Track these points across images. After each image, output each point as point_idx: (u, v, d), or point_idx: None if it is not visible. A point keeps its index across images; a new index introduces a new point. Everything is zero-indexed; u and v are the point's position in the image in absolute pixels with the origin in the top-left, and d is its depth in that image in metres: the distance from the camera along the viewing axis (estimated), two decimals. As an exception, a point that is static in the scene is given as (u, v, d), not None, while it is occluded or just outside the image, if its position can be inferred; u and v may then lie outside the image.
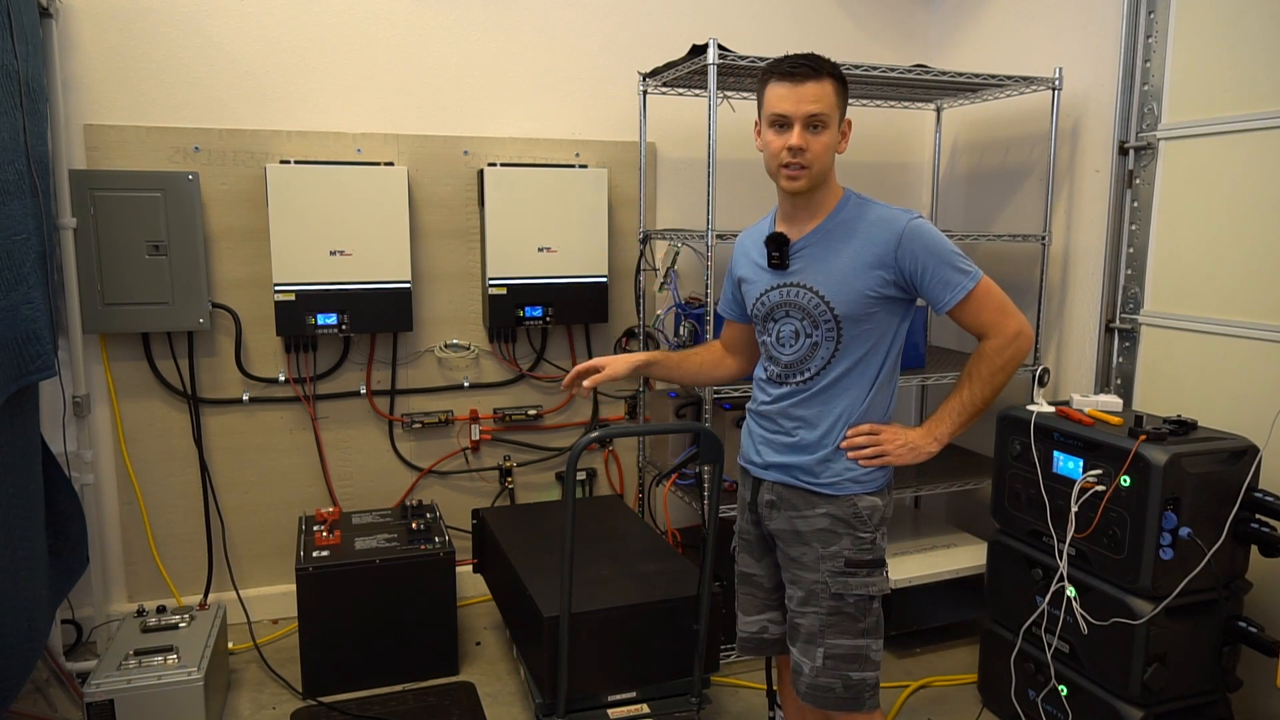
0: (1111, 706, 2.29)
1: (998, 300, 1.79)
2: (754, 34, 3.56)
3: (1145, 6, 2.88)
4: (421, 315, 3.33)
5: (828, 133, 1.77)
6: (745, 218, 3.60)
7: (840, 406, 1.85)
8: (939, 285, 1.77)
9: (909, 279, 1.79)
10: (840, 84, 1.78)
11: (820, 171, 1.80)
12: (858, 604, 1.84)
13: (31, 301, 2.22)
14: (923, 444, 1.85)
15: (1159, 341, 2.88)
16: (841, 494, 1.85)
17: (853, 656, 1.86)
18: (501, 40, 3.30)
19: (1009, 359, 1.79)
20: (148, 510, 3.13)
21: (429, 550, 2.82)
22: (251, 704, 2.76)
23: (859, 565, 1.84)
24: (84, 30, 2.87)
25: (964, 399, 1.83)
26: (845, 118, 1.82)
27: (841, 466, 1.85)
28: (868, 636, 1.86)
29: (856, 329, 1.82)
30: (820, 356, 1.85)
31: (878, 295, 1.80)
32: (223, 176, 3.05)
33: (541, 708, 2.38)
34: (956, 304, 1.78)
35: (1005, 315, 1.79)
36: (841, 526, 1.84)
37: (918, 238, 1.77)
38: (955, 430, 1.85)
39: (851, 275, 1.80)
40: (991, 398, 1.82)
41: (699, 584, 2.37)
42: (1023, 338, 1.79)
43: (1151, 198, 2.89)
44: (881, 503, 1.88)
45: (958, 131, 3.77)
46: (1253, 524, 2.23)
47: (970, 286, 1.77)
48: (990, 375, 1.80)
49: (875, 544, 1.86)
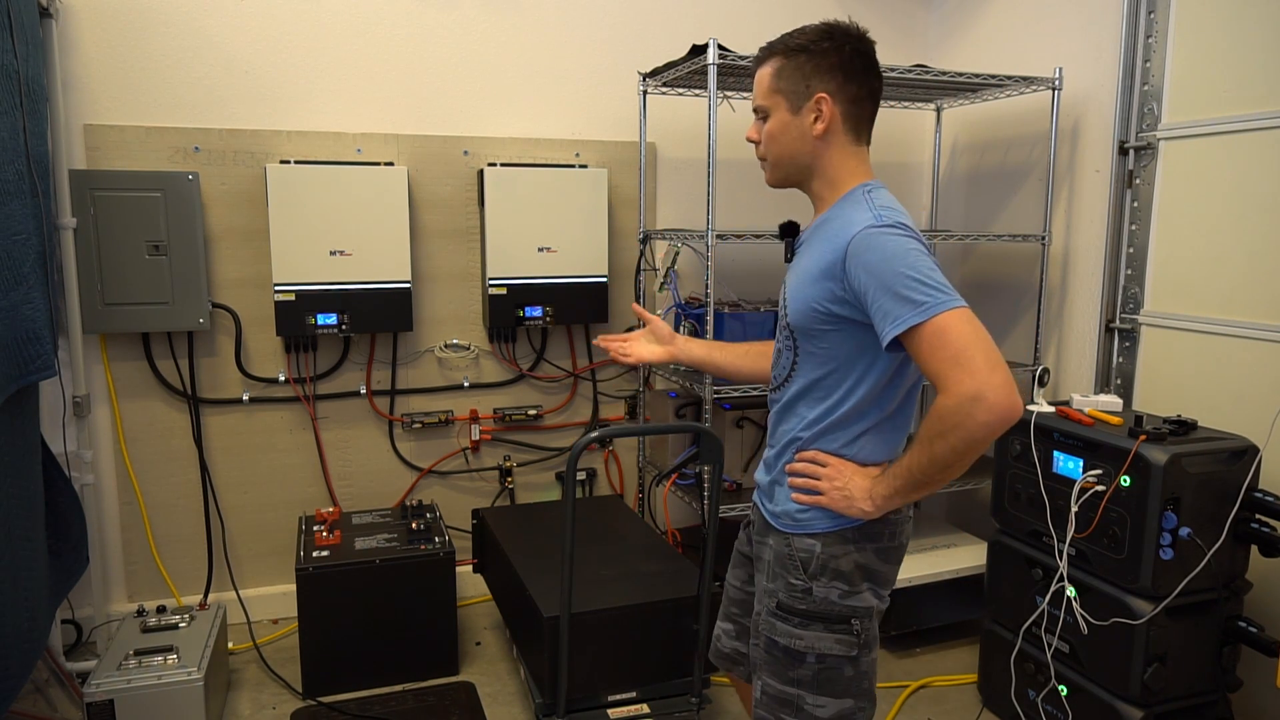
0: (1111, 706, 2.29)
1: (955, 347, 1.35)
2: (754, 34, 3.54)
3: (1145, 6, 2.88)
4: (421, 315, 3.33)
5: (771, 120, 1.58)
6: (745, 218, 3.62)
7: (791, 430, 1.63)
8: (878, 315, 1.41)
9: (860, 302, 1.45)
10: (792, 59, 1.55)
11: (780, 162, 1.60)
12: (786, 652, 1.59)
13: (31, 301, 2.22)
14: (859, 498, 1.53)
15: (1159, 341, 2.88)
16: (780, 528, 1.63)
17: (783, 702, 1.61)
18: (501, 40, 3.30)
19: (951, 427, 1.36)
20: (148, 510, 3.13)
21: (429, 550, 2.82)
22: (251, 704, 2.76)
23: (789, 612, 1.59)
24: (84, 30, 2.87)
25: (904, 462, 1.49)
26: (812, 95, 1.54)
27: (784, 495, 1.64)
28: (800, 688, 1.59)
29: (811, 345, 1.57)
30: (783, 365, 1.65)
31: (826, 312, 1.51)
32: (223, 176, 3.05)
33: (541, 708, 2.38)
34: (893, 340, 1.40)
35: (960, 368, 1.34)
36: (778, 564, 1.62)
37: (862, 252, 1.43)
38: (892, 495, 1.50)
39: (806, 283, 1.55)
40: (933, 471, 1.42)
41: (699, 584, 2.37)
42: (979, 405, 1.32)
43: (1151, 198, 2.89)
44: (820, 549, 1.57)
45: (958, 131, 3.77)
46: (1253, 524, 2.23)
47: (913, 321, 1.36)
48: (929, 440, 1.40)
49: (811, 595, 1.57)
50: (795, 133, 1.57)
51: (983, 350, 1.35)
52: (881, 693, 2.80)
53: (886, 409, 1.57)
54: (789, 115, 1.57)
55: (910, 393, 1.60)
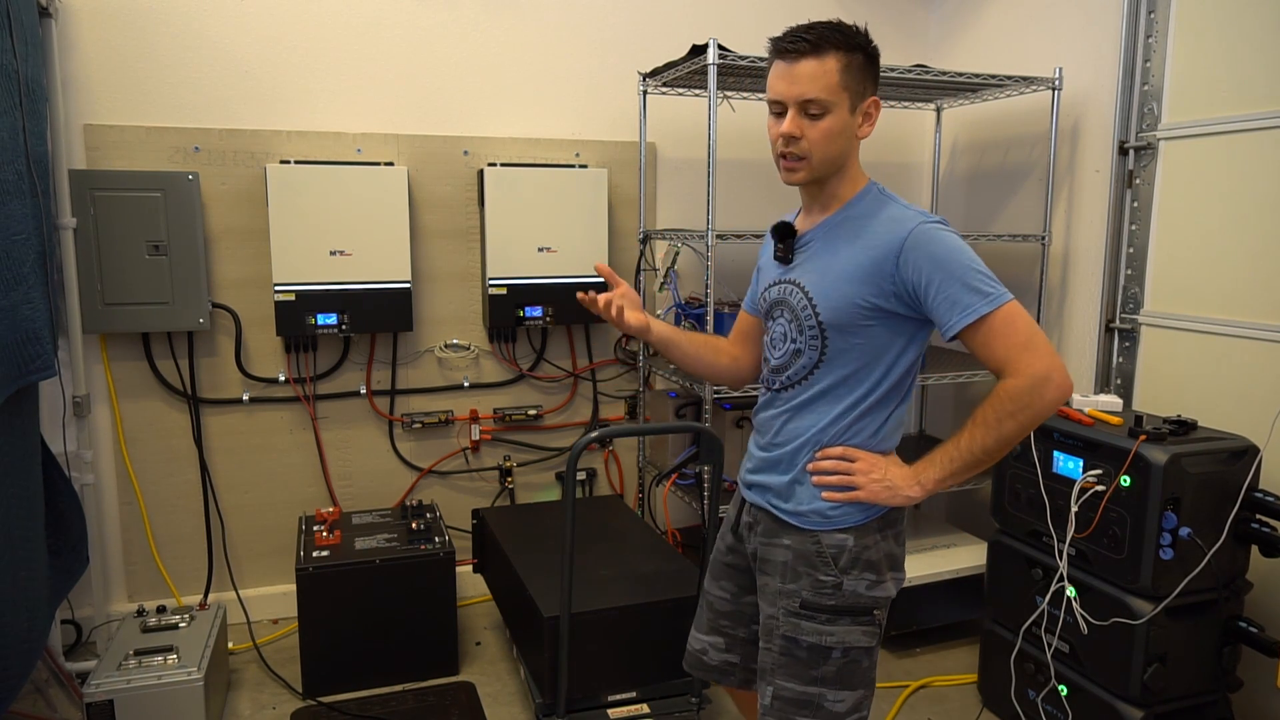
0: (1111, 706, 2.29)
1: (1024, 333, 1.46)
2: (754, 34, 3.54)
3: (1145, 6, 2.88)
4: (421, 315, 3.33)
5: (830, 118, 1.53)
6: (745, 218, 3.62)
7: (813, 427, 1.63)
8: (944, 305, 1.48)
9: (912, 293, 1.51)
10: (854, 57, 1.53)
11: (824, 162, 1.57)
12: (811, 651, 1.61)
13: (31, 301, 2.22)
14: (903, 486, 1.57)
15: (1159, 341, 2.88)
16: (805, 526, 1.62)
17: (802, 702, 1.61)
18: (501, 40, 3.30)
19: (1025, 404, 1.45)
20: (148, 510, 3.13)
21: (429, 550, 2.82)
22: (251, 704, 2.76)
23: (816, 609, 1.60)
24: (84, 30, 2.87)
25: (961, 444, 1.53)
26: (868, 97, 1.56)
27: (807, 494, 1.63)
28: (823, 685, 1.61)
29: (844, 342, 1.58)
30: (801, 365, 1.63)
31: (871, 307, 1.54)
32: (223, 176, 3.05)
33: (541, 708, 2.38)
34: (965, 328, 1.48)
35: (1030, 352, 1.45)
36: (801, 563, 1.62)
37: (924, 245, 1.50)
38: (946, 478, 1.55)
39: (845, 279, 1.56)
40: (995, 449, 1.50)
41: (699, 584, 2.36)
42: (1050, 384, 1.44)
43: (1151, 198, 2.89)
44: (854, 542, 1.60)
45: (958, 131, 3.77)
46: (1253, 524, 2.23)
47: (984, 310, 1.46)
48: (998, 420, 1.48)
49: (841, 589, 1.60)
50: (848, 134, 1.57)
51: (1043, 337, 1.48)
52: (881, 692, 2.81)
53: (902, 395, 1.63)
54: (849, 115, 1.55)
55: (914, 384, 1.66)
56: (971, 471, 1.55)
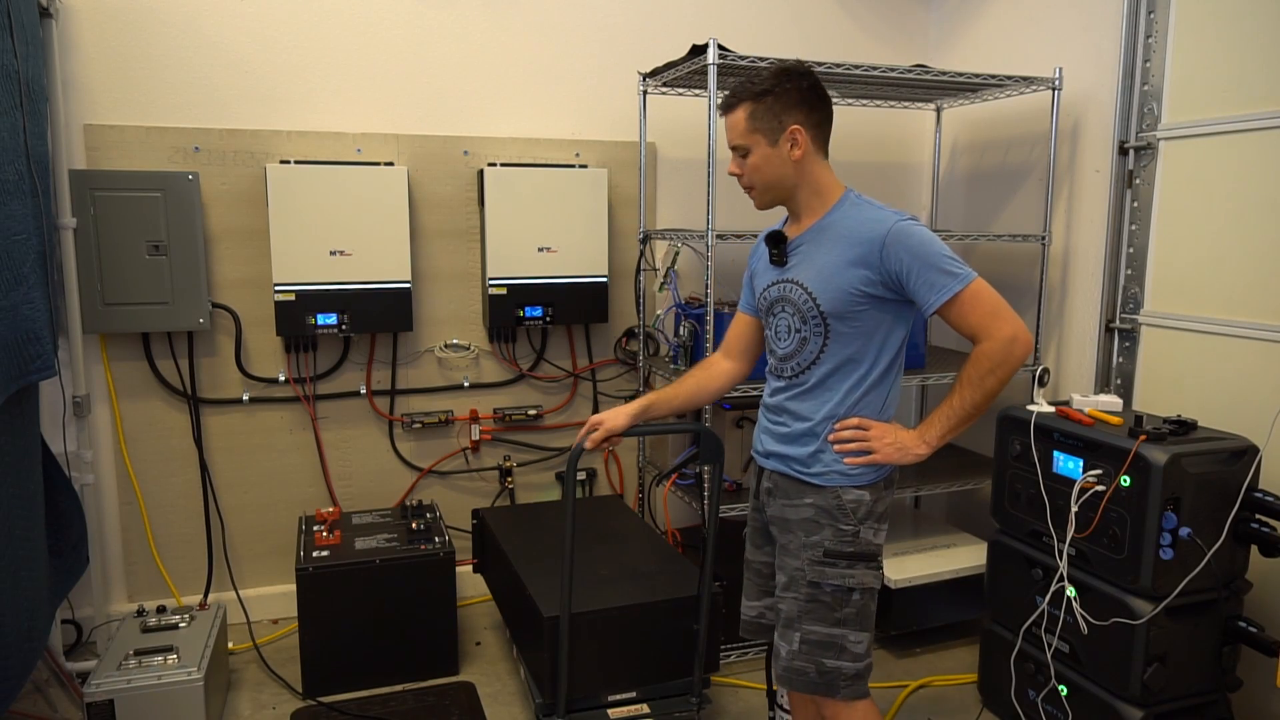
0: (1111, 706, 2.29)
1: (990, 303, 1.76)
2: (754, 34, 3.56)
3: (1145, 7, 2.88)
4: (421, 315, 3.33)
5: (755, 154, 1.85)
6: (745, 218, 3.61)
7: (829, 403, 1.87)
8: (924, 287, 1.76)
9: (895, 280, 1.78)
10: (760, 102, 1.81)
11: (766, 188, 1.88)
12: (834, 594, 1.86)
13: (31, 301, 2.22)
14: (912, 445, 1.84)
15: (1159, 341, 2.88)
16: (827, 485, 1.87)
17: (827, 644, 1.87)
18: (501, 40, 3.30)
19: (1000, 362, 1.75)
20: (148, 510, 3.13)
21: (429, 550, 2.82)
22: (251, 704, 2.76)
23: (838, 556, 1.85)
24: (84, 30, 2.87)
25: (954, 404, 1.81)
26: (785, 128, 1.82)
27: (830, 458, 1.87)
28: (845, 627, 1.86)
29: (843, 326, 1.83)
30: (809, 351, 1.88)
31: (861, 293, 1.80)
32: (223, 176, 3.05)
33: (541, 708, 2.38)
34: (942, 305, 1.75)
35: (997, 318, 1.75)
36: (824, 517, 1.87)
37: (902, 239, 1.76)
38: (945, 434, 1.84)
39: (836, 272, 1.81)
40: (983, 402, 1.79)
41: (699, 584, 2.37)
42: (1018, 342, 1.75)
43: (1151, 198, 2.89)
44: (870, 497, 1.88)
45: (958, 131, 3.77)
46: (1253, 524, 2.23)
47: (957, 289, 1.74)
48: (980, 378, 1.77)
49: (858, 537, 1.86)
50: (777, 161, 1.85)
51: (1006, 305, 1.77)
52: (881, 693, 2.81)
53: (895, 372, 1.90)
54: (769, 148, 1.85)
55: (903, 361, 1.92)
56: (965, 425, 1.83)
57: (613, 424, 2.06)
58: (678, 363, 3.18)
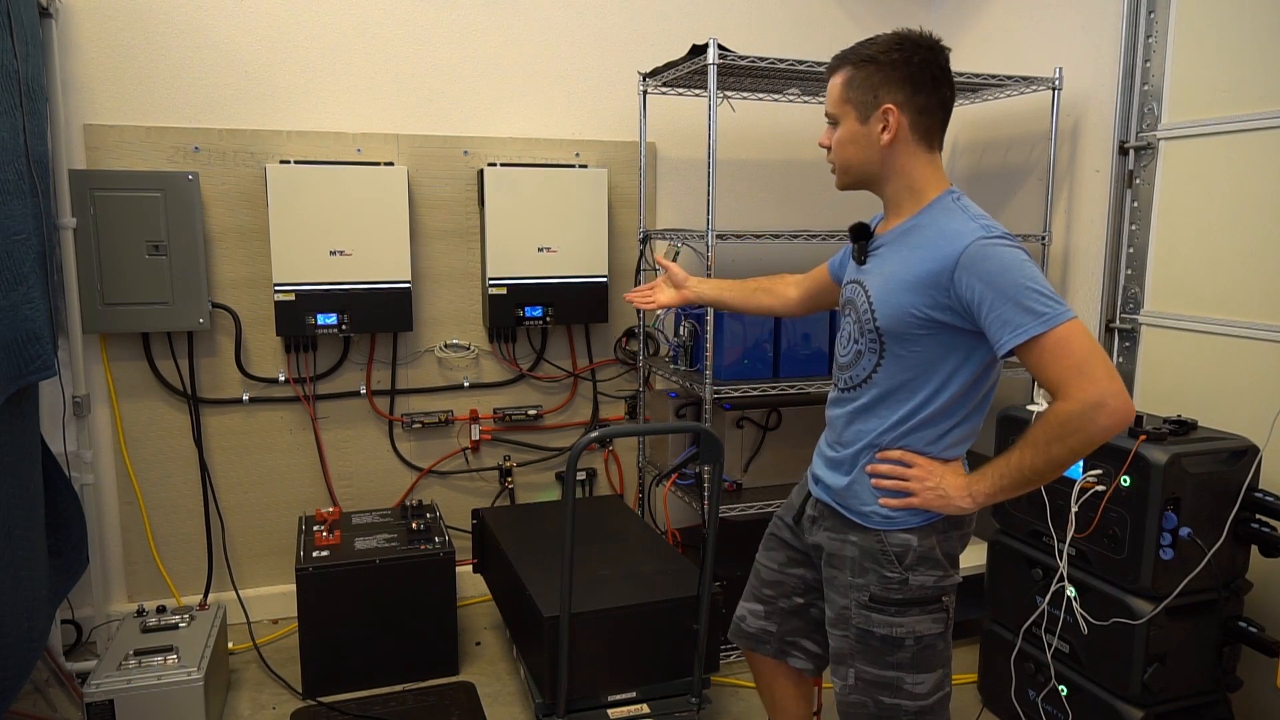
0: (1111, 706, 2.29)
1: (1078, 356, 1.44)
2: (754, 34, 3.56)
3: (1145, 7, 2.88)
4: (421, 315, 3.33)
5: (841, 128, 1.66)
6: (745, 218, 3.62)
7: (874, 431, 1.67)
8: (996, 323, 1.48)
9: (966, 309, 1.52)
10: (861, 69, 1.62)
11: (845, 167, 1.68)
12: (884, 641, 1.67)
13: (31, 301, 2.22)
14: (955, 496, 1.59)
15: (1159, 341, 2.88)
16: (870, 526, 1.67)
17: (883, 684, 1.69)
18: (501, 40, 3.30)
19: (1075, 430, 1.45)
20: (148, 510, 3.13)
21: (429, 550, 2.82)
22: (251, 704, 2.76)
23: (885, 603, 1.65)
24: (84, 30, 2.87)
25: (1012, 461, 1.54)
26: (879, 105, 1.61)
27: (869, 495, 1.68)
28: (901, 670, 1.67)
29: (900, 348, 1.61)
30: (862, 367, 1.68)
31: (925, 317, 1.56)
32: (223, 176, 3.05)
33: (541, 708, 2.38)
34: (1015, 349, 1.48)
35: (1083, 376, 1.43)
36: (868, 560, 1.67)
37: (978, 262, 1.49)
38: (996, 494, 1.57)
39: (902, 288, 1.59)
40: (1045, 471, 1.51)
41: (699, 584, 2.37)
42: (1103, 411, 1.42)
43: (1151, 198, 2.89)
44: (917, 541, 1.64)
45: (958, 131, 3.77)
46: (1253, 524, 2.23)
47: (1036, 331, 1.45)
48: (1047, 443, 1.48)
49: (908, 584, 1.65)
50: (864, 141, 1.64)
51: (1101, 360, 1.45)
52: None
53: (970, 409, 1.64)
54: (857, 124, 1.64)
55: (989, 394, 1.66)
56: (1021, 490, 1.57)
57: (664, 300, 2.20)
58: (677, 363, 3.18)
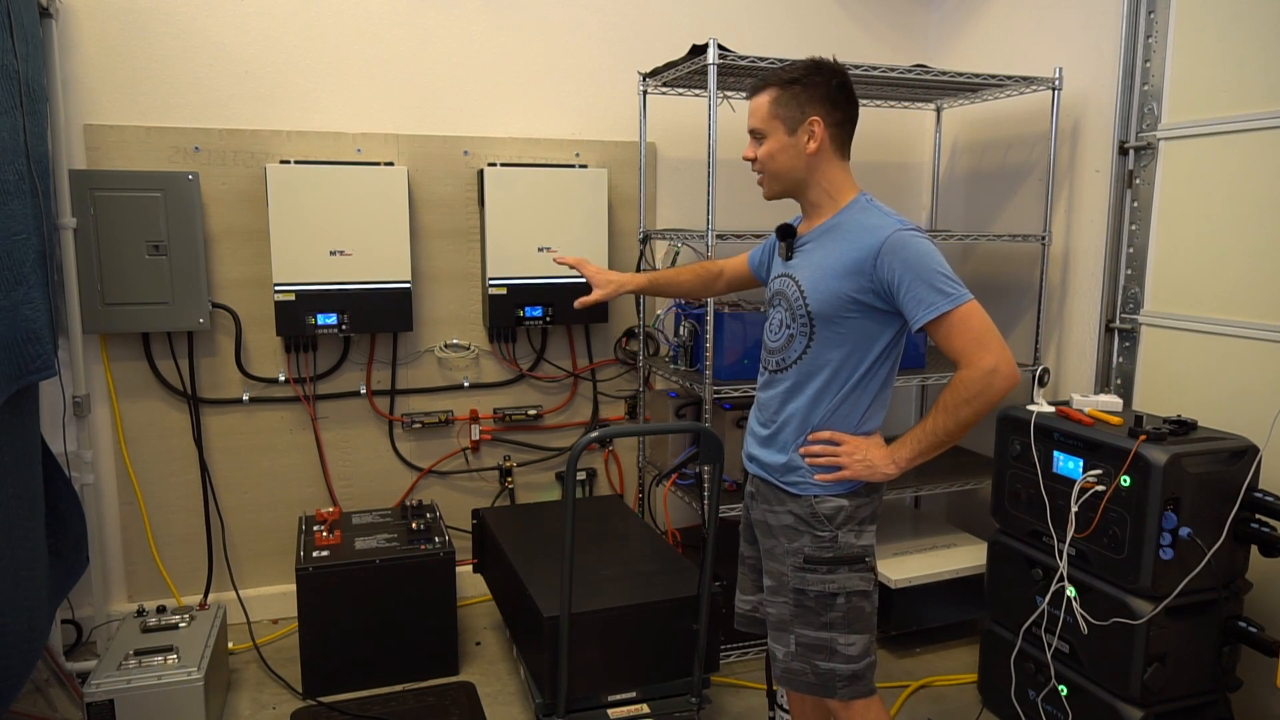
0: (1111, 706, 2.29)
1: (978, 330, 1.69)
2: (754, 34, 3.56)
3: (1145, 7, 2.88)
4: (421, 315, 3.33)
5: (771, 140, 1.84)
6: (745, 218, 3.62)
7: (804, 407, 1.85)
8: (912, 301, 1.71)
9: (887, 290, 1.74)
10: (787, 89, 1.80)
11: (775, 177, 1.87)
12: (818, 599, 1.85)
13: (31, 301, 2.22)
14: (881, 464, 1.81)
15: (1159, 341, 2.88)
16: (804, 494, 1.86)
17: (818, 646, 1.87)
18: (501, 40, 3.30)
19: (976, 393, 1.69)
20: (148, 510, 3.13)
21: (429, 550, 2.82)
22: (251, 704, 2.76)
23: (818, 562, 1.84)
24: (84, 30, 2.87)
25: (927, 428, 1.77)
26: (806, 119, 1.80)
27: (805, 469, 1.86)
28: (833, 630, 1.85)
29: (829, 330, 1.81)
30: (794, 349, 1.86)
31: (853, 300, 1.77)
32: (223, 176, 3.05)
33: (541, 708, 2.38)
34: (927, 323, 1.71)
35: (982, 347, 1.68)
36: (802, 525, 1.86)
37: (898, 250, 1.72)
38: (915, 457, 1.79)
39: (831, 275, 1.79)
40: (956, 430, 1.74)
41: (699, 584, 2.37)
42: (997, 375, 1.67)
43: (1151, 198, 2.89)
44: (849, 504, 1.85)
45: (958, 131, 3.77)
46: (1253, 524, 2.23)
47: (945, 309, 1.69)
48: (955, 406, 1.72)
49: (836, 542, 1.84)
50: (792, 151, 1.84)
51: (995, 335, 1.71)
52: (881, 693, 2.80)
53: (881, 381, 1.86)
54: (786, 137, 1.83)
55: (894, 369, 1.88)
56: (936, 451, 1.79)
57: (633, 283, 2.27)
58: (677, 363, 3.18)
